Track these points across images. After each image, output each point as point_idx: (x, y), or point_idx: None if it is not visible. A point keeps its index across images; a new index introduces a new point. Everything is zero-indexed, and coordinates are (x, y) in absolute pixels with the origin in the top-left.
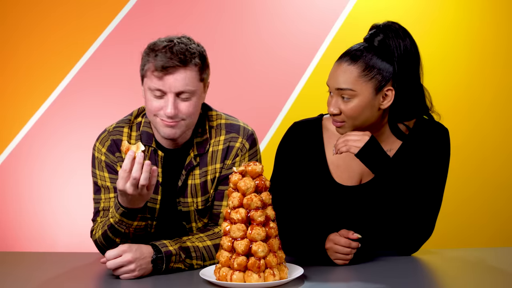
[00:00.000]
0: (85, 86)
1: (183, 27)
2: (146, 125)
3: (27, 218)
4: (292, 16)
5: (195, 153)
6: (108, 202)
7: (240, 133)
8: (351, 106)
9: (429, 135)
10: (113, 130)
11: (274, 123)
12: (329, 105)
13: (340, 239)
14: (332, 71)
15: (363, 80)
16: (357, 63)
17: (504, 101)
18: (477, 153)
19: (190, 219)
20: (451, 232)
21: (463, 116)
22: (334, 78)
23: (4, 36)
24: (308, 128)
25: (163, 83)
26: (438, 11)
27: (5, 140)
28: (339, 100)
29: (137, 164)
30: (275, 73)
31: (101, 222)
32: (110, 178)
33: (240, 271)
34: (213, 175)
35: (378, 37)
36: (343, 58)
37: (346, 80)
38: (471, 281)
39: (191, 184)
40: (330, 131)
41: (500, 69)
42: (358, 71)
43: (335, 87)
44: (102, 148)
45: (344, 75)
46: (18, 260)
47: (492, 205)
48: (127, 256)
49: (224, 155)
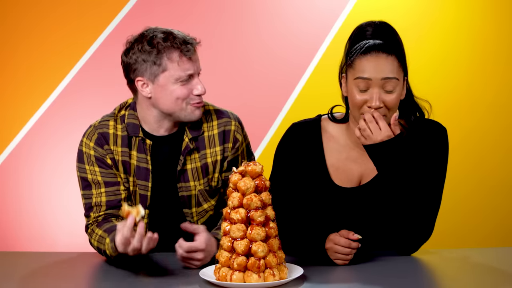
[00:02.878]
0: (85, 86)
1: (183, 27)
2: (131, 117)
3: (27, 218)
4: (292, 16)
5: (189, 137)
6: (100, 197)
7: (230, 117)
8: (394, 96)
9: (427, 134)
10: (99, 124)
11: (274, 123)
12: (367, 100)
13: (340, 239)
14: (372, 64)
15: (400, 70)
16: (393, 54)
17: (505, 101)
18: (476, 153)
19: (191, 203)
20: (450, 231)
21: (463, 115)
22: (379, 69)
23: (4, 36)
24: (306, 129)
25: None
26: (438, 10)
27: (5, 140)
28: (381, 92)
29: (138, 235)
30: (275, 73)
31: (97, 233)
32: (101, 172)
33: (240, 271)
34: (214, 158)
35: (383, 33)
36: (378, 51)
37: (392, 69)
38: (470, 281)
39: (191, 168)
40: (328, 132)
41: (501, 68)
42: (396, 61)
43: (381, 77)
44: (90, 142)
45: (389, 65)
46: (18, 260)
47: (491, 204)
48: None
49: (222, 139)
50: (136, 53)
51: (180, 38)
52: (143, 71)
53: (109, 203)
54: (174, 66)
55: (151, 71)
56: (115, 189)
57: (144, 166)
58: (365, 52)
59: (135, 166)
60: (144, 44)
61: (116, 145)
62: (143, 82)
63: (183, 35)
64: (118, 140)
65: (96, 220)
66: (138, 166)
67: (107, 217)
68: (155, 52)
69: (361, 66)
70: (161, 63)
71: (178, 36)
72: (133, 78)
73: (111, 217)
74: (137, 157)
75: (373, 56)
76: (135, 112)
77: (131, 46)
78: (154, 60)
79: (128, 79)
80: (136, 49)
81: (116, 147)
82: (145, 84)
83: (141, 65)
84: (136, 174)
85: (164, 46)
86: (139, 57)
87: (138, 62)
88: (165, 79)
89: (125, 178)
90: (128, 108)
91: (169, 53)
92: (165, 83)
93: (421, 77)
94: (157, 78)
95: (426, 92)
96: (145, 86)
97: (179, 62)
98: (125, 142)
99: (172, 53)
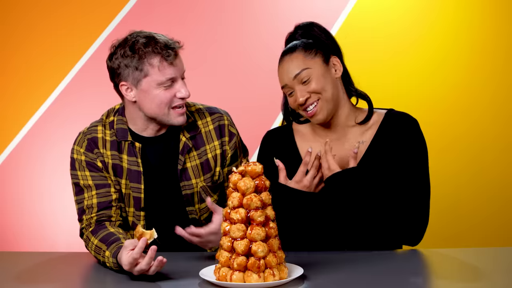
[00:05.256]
0: (85, 86)
1: (183, 27)
2: (119, 123)
3: (27, 218)
4: (292, 16)
5: (187, 136)
6: (91, 199)
7: (221, 112)
8: (314, 82)
9: (399, 126)
10: (88, 130)
11: (274, 123)
12: (295, 100)
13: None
14: (280, 71)
15: (309, 58)
16: (296, 51)
17: (503, 100)
18: (476, 152)
19: (194, 201)
20: (449, 231)
21: (462, 115)
22: (286, 72)
23: (4, 36)
24: (279, 134)
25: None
26: (438, 10)
27: (5, 140)
28: (301, 87)
29: (148, 259)
30: (275, 73)
31: (93, 242)
32: (92, 176)
33: (240, 271)
34: (213, 152)
35: (295, 35)
36: (283, 57)
37: (297, 64)
38: (470, 281)
39: (191, 166)
40: (300, 131)
41: (499, 68)
42: (301, 54)
43: (292, 76)
44: (81, 149)
45: (293, 63)
46: (18, 260)
47: (490, 204)
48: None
49: (219, 133)
50: (119, 58)
51: (162, 42)
52: (126, 76)
53: (100, 204)
54: (155, 71)
55: (134, 76)
56: (105, 191)
57: (135, 168)
58: (279, 62)
59: (127, 169)
60: (126, 50)
61: (105, 148)
62: (127, 86)
63: (165, 39)
64: (107, 144)
65: (89, 223)
66: (129, 169)
67: (100, 220)
68: (137, 58)
69: (279, 78)
70: (142, 68)
71: (159, 40)
72: (117, 82)
73: (104, 220)
74: (128, 160)
75: (280, 65)
76: (123, 117)
77: (115, 51)
78: (136, 65)
79: (113, 83)
80: (119, 54)
81: (105, 150)
82: (129, 88)
83: (124, 70)
84: (128, 176)
85: (145, 51)
86: (122, 62)
87: (121, 67)
88: (147, 84)
89: (115, 180)
90: (117, 114)
91: (150, 59)
92: (148, 88)
93: (421, 77)
94: (140, 83)
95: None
96: (129, 91)
97: (160, 67)
98: (114, 146)
99: (152, 58)
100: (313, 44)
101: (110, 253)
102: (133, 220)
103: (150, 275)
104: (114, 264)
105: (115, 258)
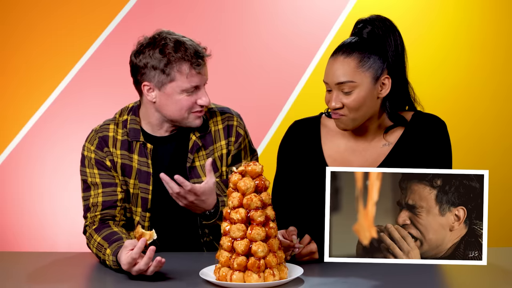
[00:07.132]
0: (85, 86)
1: (183, 27)
2: (132, 123)
3: (27, 218)
4: (292, 16)
5: (197, 135)
6: (96, 197)
7: (232, 113)
8: (353, 98)
9: (427, 127)
10: (100, 128)
11: (274, 123)
12: (329, 101)
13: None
14: (329, 67)
15: (361, 70)
16: (352, 55)
17: (504, 100)
18: (476, 152)
19: None
20: None
21: (462, 115)
22: (332, 73)
23: (4, 36)
24: (306, 125)
25: None
26: (438, 10)
27: (5, 140)
28: (340, 94)
29: (146, 259)
30: (275, 73)
31: (96, 239)
32: (99, 174)
33: (240, 271)
34: (219, 152)
35: (366, 29)
36: (338, 53)
37: (345, 72)
38: (470, 281)
39: (200, 165)
40: (328, 127)
41: (500, 67)
42: (355, 62)
43: (335, 82)
44: (91, 146)
45: (343, 68)
46: (18, 260)
47: (491, 204)
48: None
49: (227, 133)
50: (147, 58)
51: (192, 50)
52: (151, 77)
53: (105, 203)
54: (183, 78)
55: (159, 79)
56: (111, 190)
57: (145, 169)
58: (332, 54)
59: (137, 169)
60: (156, 51)
61: (115, 147)
62: (149, 87)
63: (195, 46)
64: (117, 144)
65: (93, 221)
66: (139, 170)
67: (104, 218)
68: (165, 62)
69: (325, 71)
70: (170, 73)
71: (189, 47)
72: (140, 81)
73: (107, 219)
74: (138, 160)
75: (333, 59)
76: (136, 117)
77: (142, 50)
78: (163, 69)
79: (134, 80)
80: (147, 54)
81: (115, 149)
82: (151, 89)
83: (150, 71)
84: (137, 177)
85: (175, 57)
86: (149, 63)
87: (147, 68)
88: (171, 89)
89: (123, 180)
90: (130, 112)
91: (179, 65)
92: (171, 93)
93: (421, 76)
94: (164, 86)
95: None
96: (151, 91)
97: (188, 75)
98: (125, 146)
99: (182, 65)
100: (370, 57)
101: (111, 251)
102: (139, 220)
103: (148, 275)
104: (113, 262)
105: (115, 256)
